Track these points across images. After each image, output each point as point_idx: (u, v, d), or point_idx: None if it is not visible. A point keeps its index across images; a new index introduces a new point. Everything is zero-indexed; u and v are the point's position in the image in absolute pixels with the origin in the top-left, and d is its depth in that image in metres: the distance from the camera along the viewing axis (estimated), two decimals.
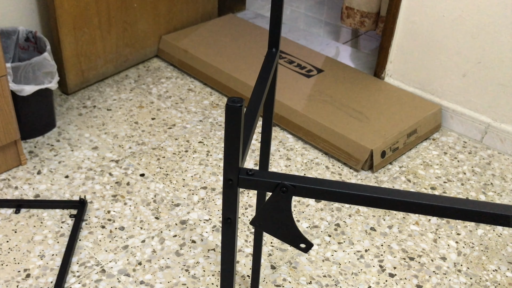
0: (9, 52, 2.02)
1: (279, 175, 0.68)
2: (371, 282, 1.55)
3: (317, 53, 2.49)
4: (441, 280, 1.57)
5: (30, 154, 1.91)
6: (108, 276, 1.51)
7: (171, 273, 1.53)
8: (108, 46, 2.31)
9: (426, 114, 2.11)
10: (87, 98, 2.24)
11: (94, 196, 1.76)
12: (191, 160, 1.94)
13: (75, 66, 2.21)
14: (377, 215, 1.77)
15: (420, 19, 2.14)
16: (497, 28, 1.95)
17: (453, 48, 2.09)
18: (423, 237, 1.70)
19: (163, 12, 2.47)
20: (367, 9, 2.49)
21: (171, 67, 2.49)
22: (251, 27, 2.67)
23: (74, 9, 2.11)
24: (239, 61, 2.36)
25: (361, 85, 2.27)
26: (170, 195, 1.79)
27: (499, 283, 1.57)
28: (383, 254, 1.64)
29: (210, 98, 2.30)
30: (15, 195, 1.74)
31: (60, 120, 2.09)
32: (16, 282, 1.47)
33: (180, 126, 2.11)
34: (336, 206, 1.79)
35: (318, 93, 2.18)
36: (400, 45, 2.25)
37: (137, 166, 1.90)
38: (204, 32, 2.57)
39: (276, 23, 1.04)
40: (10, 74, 1.79)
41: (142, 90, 2.31)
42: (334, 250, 1.64)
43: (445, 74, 2.16)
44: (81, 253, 1.57)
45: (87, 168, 1.87)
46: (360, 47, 2.84)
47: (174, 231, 1.66)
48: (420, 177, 1.94)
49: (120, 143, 2.00)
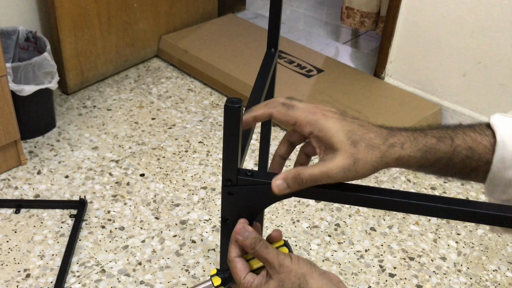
0: (9, 52, 2.02)
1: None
2: (371, 282, 1.55)
3: (317, 53, 2.49)
4: (441, 280, 1.57)
5: (30, 154, 1.91)
6: (108, 276, 1.51)
7: (171, 273, 1.53)
8: (108, 46, 2.31)
9: (426, 114, 2.11)
10: (87, 98, 2.24)
11: (94, 196, 1.76)
12: (191, 160, 1.94)
13: (75, 66, 2.21)
14: (377, 215, 1.77)
15: (420, 19, 2.14)
16: (497, 28, 1.95)
17: (453, 48, 2.09)
18: (423, 237, 1.70)
19: (163, 12, 2.47)
20: (367, 9, 2.49)
21: (171, 67, 2.49)
22: (251, 27, 2.67)
23: (74, 9, 2.11)
24: (239, 61, 2.36)
25: (361, 85, 2.27)
26: (170, 195, 1.79)
27: (499, 283, 1.57)
28: (383, 254, 1.64)
29: (210, 98, 2.30)
30: (15, 195, 1.74)
31: (60, 120, 2.09)
32: (16, 282, 1.47)
33: (180, 126, 2.11)
34: (336, 206, 1.79)
35: (318, 93, 2.18)
36: (400, 45, 2.25)
37: (137, 166, 1.90)
38: (204, 32, 2.57)
39: (275, 23, 1.04)
40: (10, 74, 1.79)
41: (142, 90, 2.31)
42: (334, 250, 1.64)
43: (445, 74, 2.16)
44: (81, 253, 1.57)
45: (87, 168, 1.87)
46: (360, 47, 2.84)
47: (174, 231, 1.66)
48: (420, 177, 1.94)
49: (120, 143, 2.00)
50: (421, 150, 0.63)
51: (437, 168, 0.65)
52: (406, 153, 0.62)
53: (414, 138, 0.63)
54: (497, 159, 0.64)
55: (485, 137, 0.65)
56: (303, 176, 0.61)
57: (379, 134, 0.63)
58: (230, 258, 0.66)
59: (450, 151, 0.64)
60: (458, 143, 0.64)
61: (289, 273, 0.63)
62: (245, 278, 0.64)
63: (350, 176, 0.62)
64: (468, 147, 0.64)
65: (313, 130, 0.62)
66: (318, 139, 0.63)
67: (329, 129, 0.61)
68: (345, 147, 0.61)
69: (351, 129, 0.62)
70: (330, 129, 0.61)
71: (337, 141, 0.61)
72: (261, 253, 0.64)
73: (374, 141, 0.62)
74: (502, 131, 0.64)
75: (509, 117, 0.66)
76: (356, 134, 0.61)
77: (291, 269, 0.63)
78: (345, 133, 0.61)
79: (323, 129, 0.62)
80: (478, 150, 0.64)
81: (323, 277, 0.63)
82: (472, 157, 0.64)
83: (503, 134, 0.64)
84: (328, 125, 0.62)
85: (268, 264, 0.64)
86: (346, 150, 0.61)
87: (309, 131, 0.63)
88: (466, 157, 0.64)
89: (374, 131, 0.63)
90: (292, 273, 0.63)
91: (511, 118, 0.66)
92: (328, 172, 0.61)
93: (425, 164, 0.64)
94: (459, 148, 0.64)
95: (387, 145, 0.62)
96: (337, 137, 0.61)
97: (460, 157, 0.64)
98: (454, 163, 0.64)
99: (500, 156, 0.63)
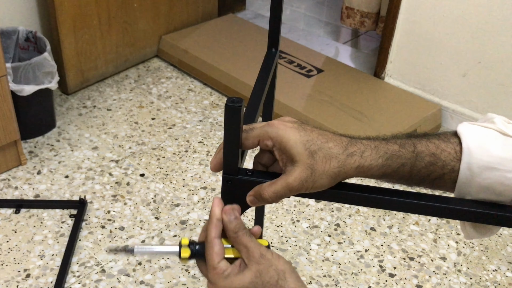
0: (9, 52, 2.02)
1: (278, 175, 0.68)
2: (371, 282, 1.55)
3: (317, 53, 2.49)
4: (441, 280, 1.57)
5: (30, 154, 1.91)
6: (108, 276, 1.51)
7: (171, 273, 1.53)
8: (108, 46, 2.31)
9: (426, 114, 2.11)
10: (87, 98, 2.24)
11: (94, 196, 1.76)
12: (191, 160, 1.94)
13: (75, 66, 2.21)
14: (377, 215, 1.77)
15: (420, 19, 2.14)
16: (497, 28, 1.95)
17: (453, 48, 2.09)
18: (423, 237, 1.70)
19: (163, 12, 2.47)
20: (367, 9, 2.49)
21: (171, 67, 2.49)
22: (251, 27, 2.67)
23: (74, 9, 2.11)
24: (239, 61, 2.36)
25: (361, 85, 2.27)
26: (170, 195, 1.79)
27: (499, 283, 1.57)
28: (383, 254, 1.64)
29: (210, 98, 2.30)
30: (15, 195, 1.74)
31: (60, 120, 2.09)
32: (16, 282, 1.47)
33: (180, 126, 2.11)
34: (336, 206, 1.79)
35: (318, 93, 2.18)
36: (400, 45, 2.25)
37: (137, 166, 1.90)
38: (204, 32, 2.57)
39: (275, 23, 1.04)
40: (10, 74, 1.79)
41: (142, 90, 2.31)
42: (334, 250, 1.64)
43: (445, 74, 2.16)
44: (81, 253, 1.57)
45: (87, 168, 1.87)
46: (360, 47, 2.84)
47: (174, 231, 1.66)
48: None
49: (120, 143, 2.00)
50: (382, 157, 0.63)
51: (400, 175, 0.64)
52: (366, 161, 0.62)
53: (375, 146, 0.63)
54: (464, 167, 0.63)
55: (449, 144, 0.65)
56: (265, 195, 0.62)
57: (338, 143, 0.62)
58: (209, 238, 0.63)
59: (413, 157, 0.63)
60: (421, 150, 0.64)
61: (269, 266, 0.61)
62: (219, 263, 0.63)
63: (309, 187, 0.62)
64: (431, 153, 0.64)
65: (274, 143, 0.62)
66: (279, 151, 0.63)
67: (287, 141, 0.61)
68: (303, 158, 0.61)
69: (310, 138, 0.62)
70: (289, 140, 0.61)
71: (295, 153, 0.61)
72: (243, 239, 0.62)
73: (333, 151, 0.61)
74: (469, 139, 0.64)
75: (477, 125, 0.66)
76: (315, 143, 0.61)
77: (272, 263, 0.61)
78: (303, 144, 0.61)
79: (282, 140, 0.61)
80: (441, 156, 0.64)
81: (302, 283, 0.63)
82: (435, 164, 0.64)
83: (469, 142, 0.64)
84: (286, 135, 0.61)
85: (248, 252, 0.62)
86: (304, 161, 0.61)
87: (271, 144, 0.63)
88: (429, 163, 0.64)
89: (334, 140, 0.62)
90: (272, 267, 0.61)
91: (478, 126, 0.65)
92: (288, 185, 0.61)
93: (387, 171, 0.63)
94: (422, 154, 0.64)
95: (346, 154, 0.62)
96: (296, 148, 0.61)
97: (423, 163, 0.64)
98: (417, 170, 0.64)
99: (467, 164, 0.63)
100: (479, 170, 0.63)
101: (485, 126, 0.65)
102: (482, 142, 0.63)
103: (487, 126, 0.65)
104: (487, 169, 0.63)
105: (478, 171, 0.63)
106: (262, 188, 0.63)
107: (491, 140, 0.64)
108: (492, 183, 0.63)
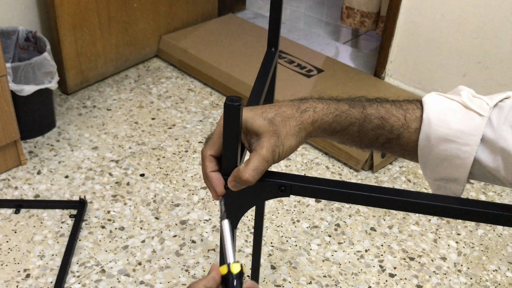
0: (9, 52, 2.02)
1: (278, 174, 0.68)
2: (371, 282, 1.54)
3: (317, 53, 2.49)
4: (441, 280, 1.57)
5: (30, 154, 1.91)
6: (108, 276, 1.51)
7: (171, 273, 1.53)
8: (108, 46, 2.31)
9: None
10: (87, 98, 2.24)
11: (94, 196, 1.76)
12: (191, 160, 1.94)
13: (75, 66, 2.21)
14: (377, 215, 1.77)
15: (420, 19, 2.13)
16: (497, 28, 1.95)
17: (453, 48, 2.09)
18: (423, 237, 1.70)
19: (163, 12, 2.47)
20: (367, 9, 2.48)
21: (171, 67, 2.49)
22: (251, 27, 2.67)
23: (74, 9, 2.11)
24: (239, 61, 2.36)
25: (361, 85, 2.27)
26: (170, 195, 1.79)
27: (499, 283, 1.57)
28: (383, 254, 1.63)
29: (210, 98, 2.30)
30: (15, 195, 1.74)
31: (60, 120, 2.09)
32: (16, 282, 1.47)
33: (180, 126, 2.11)
34: (336, 206, 1.79)
35: (318, 93, 2.17)
36: (400, 45, 2.25)
37: (137, 166, 1.90)
38: (204, 32, 2.57)
39: (275, 22, 1.04)
40: (10, 74, 1.79)
41: (142, 90, 2.31)
42: (334, 250, 1.63)
43: (445, 74, 2.15)
44: (81, 253, 1.57)
45: (87, 168, 1.87)
46: (360, 47, 2.84)
47: (174, 231, 1.66)
48: (420, 177, 1.94)
49: (120, 143, 2.00)
50: (332, 113, 0.65)
51: (350, 135, 0.66)
52: (319, 116, 0.65)
53: (327, 103, 0.66)
54: (423, 136, 0.64)
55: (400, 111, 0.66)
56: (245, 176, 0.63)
57: (290, 106, 0.66)
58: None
59: (361, 118, 0.65)
60: (370, 112, 0.65)
61: None
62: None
63: (281, 152, 0.64)
64: (380, 116, 0.65)
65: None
66: (243, 134, 0.65)
67: (246, 120, 0.64)
68: (265, 127, 0.64)
69: (263, 110, 0.65)
70: (247, 119, 0.64)
71: (257, 126, 0.64)
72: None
73: (288, 112, 0.65)
74: (430, 109, 0.64)
75: (442, 96, 0.66)
76: (270, 112, 0.65)
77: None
78: (260, 115, 0.64)
79: (243, 122, 0.64)
80: (390, 121, 0.65)
81: None
82: (383, 127, 0.65)
83: (430, 113, 0.64)
84: (244, 117, 0.64)
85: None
86: (267, 129, 0.64)
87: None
88: (377, 127, 0.65)
89: (285, 104, 0.66)
90: None
91: (443, 97, 0.66)
92: (262, 157, 0.63)
93: (337, 129, 0.66)
94: (370, 116, 0.65)
95: (300, 111, 0.65)
96: (256, 122, 0.64)
97: (371, 126, 0.65)
98: (365, 131, 0.65)
99: (425, 133, 0.64)
100: (436, 141, 0.63)
101: (450, 98, 0.66)
102: (443, 114, 0.64)
103: (452, 98, 0.66)
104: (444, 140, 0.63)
105: (435, 142, 0.63)
106: (240, 171, 0.64)
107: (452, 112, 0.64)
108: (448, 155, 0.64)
